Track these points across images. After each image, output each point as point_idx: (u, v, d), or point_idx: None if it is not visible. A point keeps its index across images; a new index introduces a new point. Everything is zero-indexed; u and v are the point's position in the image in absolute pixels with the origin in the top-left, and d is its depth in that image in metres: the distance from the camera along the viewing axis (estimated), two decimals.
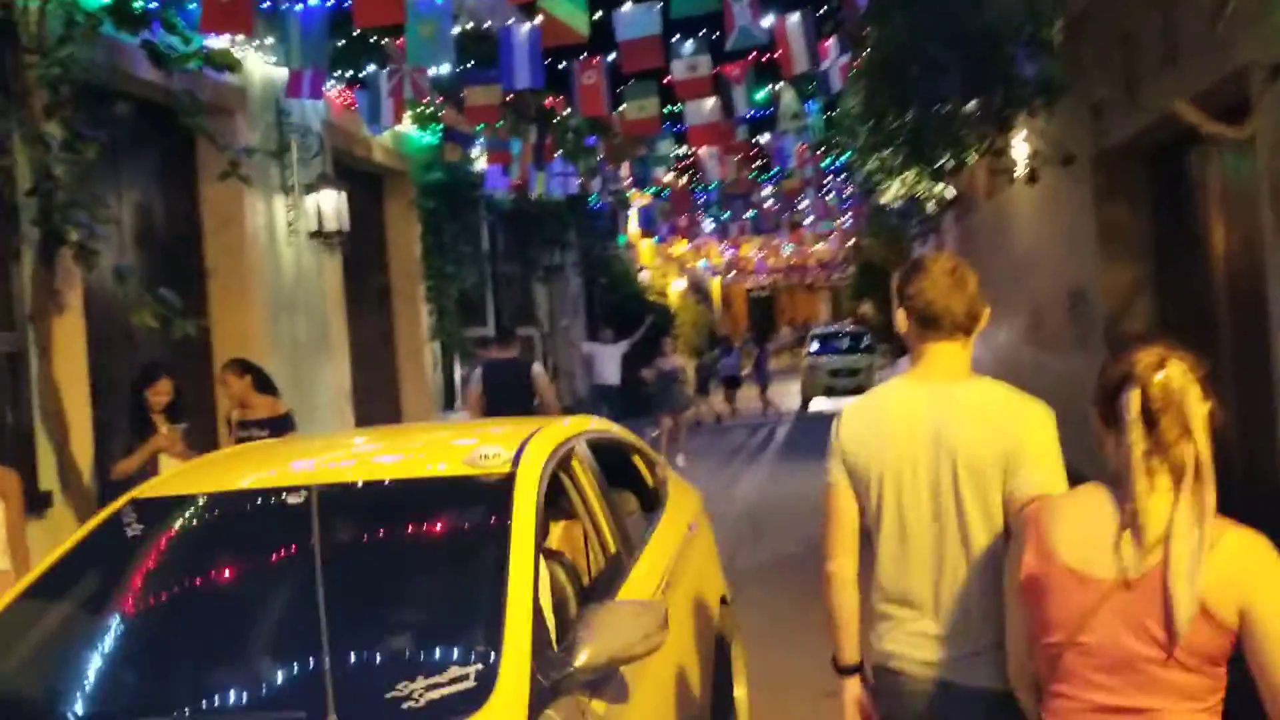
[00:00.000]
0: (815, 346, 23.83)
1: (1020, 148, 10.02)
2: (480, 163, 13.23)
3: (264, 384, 6.72)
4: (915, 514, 2.47)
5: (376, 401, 11.74)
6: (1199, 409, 1.88)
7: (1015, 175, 10.44)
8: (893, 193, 12.27)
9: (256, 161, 8.72)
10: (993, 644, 2.33)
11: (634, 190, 18.00)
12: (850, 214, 24.30)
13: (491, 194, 14.75)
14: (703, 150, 13.73)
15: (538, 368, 10.38)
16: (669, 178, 16.60)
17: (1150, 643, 1.83)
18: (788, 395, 24.86)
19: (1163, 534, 1.84)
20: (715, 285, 44.56)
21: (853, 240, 30.91)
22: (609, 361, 16.75)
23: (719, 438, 18.26)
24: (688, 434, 15.38)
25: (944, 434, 2.45)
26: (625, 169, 14.89)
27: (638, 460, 4.69)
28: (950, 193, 12.48)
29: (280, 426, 6.56)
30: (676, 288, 32.04)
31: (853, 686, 2.61)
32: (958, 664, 2.42)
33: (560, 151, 12.61)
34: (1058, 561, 1.93)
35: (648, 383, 15.10)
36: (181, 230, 8.61)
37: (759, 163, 17.80)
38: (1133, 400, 1.89)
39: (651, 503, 4.49)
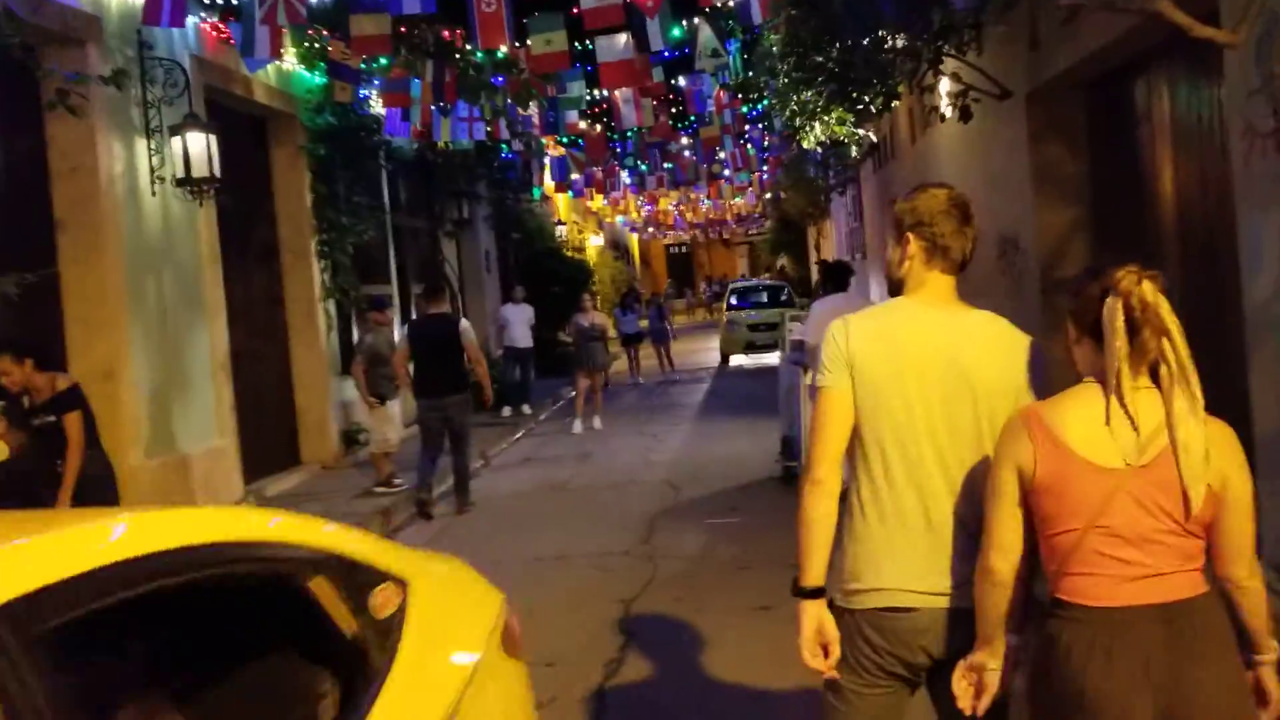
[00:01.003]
0: (734, 301, 23.29)
1: (950, 85, 9.45)
2: (377, 106, 12.27)
3: (43, 360, 5.92)
4: (925, 431, 2.41)
5: (263, 368, 10.82)
6: (1173, 316, 2.14)
7: (943, 114, 9.88)
8: (814, 137, 11.65)
9: (110, 99, 7.72)
10: (969, 567, 2.36)
11: (547, 138, 17.11)
12: (768, 165, 23.72)
13: (392, 141, 13.79)
14: (617, 93, 12.93)
15: (465, 324, 9.68)
16: (583, 125, 15.75)
17: (1165, 517, 2.10)
18: (707, 352, 24.34)
19: (1160, 424, 2.13)
20: (634, 241, 43.86)
21: (769, 194, 30.45)
22: (520, 323, 16.00)
23: (637, 398, 17.62)
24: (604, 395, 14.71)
25: (960, 358, 2.43)
26: (535, 113, 14.01)
27: (323, 590, 2.33)
28: (874, 136, 11.89)
29: (64, 404, 5.85)
30: (594, 244, 31.23)
31: (815, 611, 2.46)
32: (957, 587, 2.39)
33: (463, 93, 11.68)
34: (1073, 455, 2.13)
35: (565, 343, 14.38)
36: (25, 175, 7.59)
37: (676, 109, 17.06)
38: (1116, 310, 2.14)
39: (360, 666, 2.31)
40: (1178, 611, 2.12)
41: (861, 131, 11.60)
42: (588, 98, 13.50)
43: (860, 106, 10.96)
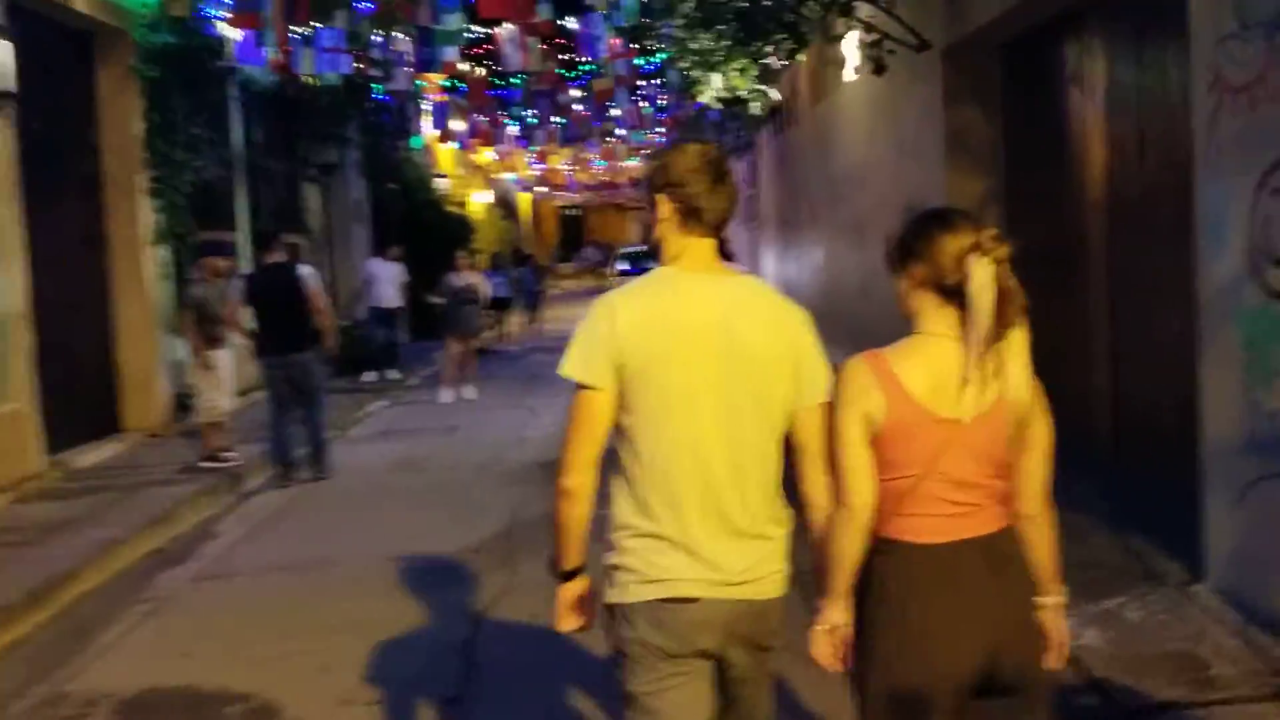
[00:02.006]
0: (623, 266, 22.39)
1: (863, 35, 8.61)
2: (227, 28, 10.87)
3: None
4: (704, 411, 2.27)
5: (77, 320, 9.44)
6: (1018, 283, 2.21)
7: (852, 70, 9.07)
8: (712, 91, 10.73)
9: None
10: (765, 556, 2.32)
11: (426, 78, 15.81)
12: (664, 126, 22.77)
13: (247, 71, 12.38)
14: (500, 30, 11.78)
15: (308, 270, 8.55)
16: (464, 66, 14.51)
17: (990, 464, 2.24)
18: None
19: (991, 377, 2.21)
20: (524, 200, 42.46)
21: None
22: (387, 280, 14.80)
23: (515, 367, 16.58)
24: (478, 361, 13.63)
25: (732, 329, 2.29)
26: (410, 49, 12.73)
27: None
28: (777, 95, 11.03)
29: None
30: (480, 200, 29.86)
31: (574, 586, 2.43)
32: (743, 579, 2.29)
33: (318, 15, 10.37)
34: (918, 406, 2.21)
35: (437, 305, 13.24)
36: None
37: (567, 55, 15.95)
38: (990, 277, 2.17)
39: None
40: (991, 542, 2.24)
41: (764, 88, 10.72)
42: (467, 33, 12.29)
43: (764, 60, 10.09)
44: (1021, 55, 7.41)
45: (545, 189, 38.98)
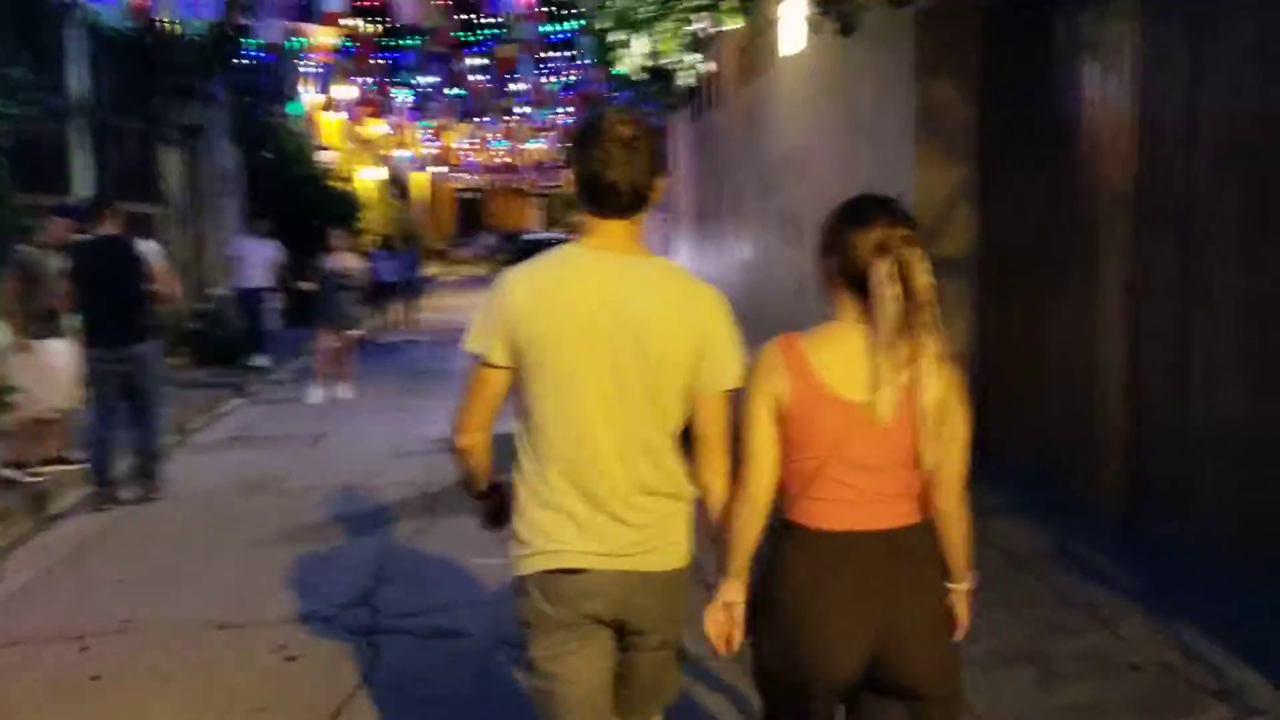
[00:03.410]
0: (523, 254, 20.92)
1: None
2: None
3: None
4: (591, 391, 2.24)
5: None
6: (929, 279, 2.17)
7: (795, 39, 7.85)
8: (634, 60, 9.39)
9: None
10: (655, 529, 2.30)
11: (307, 36, 14.10)
12: (571, 106, 21.34)
13: (92, 10, 10.58)
14: None
15: (149, 246, 6.96)
16: (352, 22, 12.89)
17: (896, 451, 2.21)
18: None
19: (903, 365, 2.18)
20: (418, 180, 40.44)
21: (567, 141, 28.14)
22: (257, 262, 13.13)
23: (394, 360, 15.02)
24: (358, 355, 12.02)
25: (629, 308, 2.24)
26: None
27: None
28: (710, 64, 9.74)
29: None
30: (370, 177, 27.93)
31: (488, 502, 2.52)
32: (634, 551, 2.28)
33: None
34: (824, 388, 2.21)
35: (308, 290, 11.62)
36: None
37: (466, 16, 14.40)
38: (891, 276, 2.16)
39: None
40: (896, 537, 2.23)
41: (696, 57, 9.43)
42: None
43: (694, 25, 8.81)
44: (1013, 21, 6.28)
45: (442, 169, 37.08)
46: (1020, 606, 4.58)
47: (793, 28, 9.71)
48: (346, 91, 17.27)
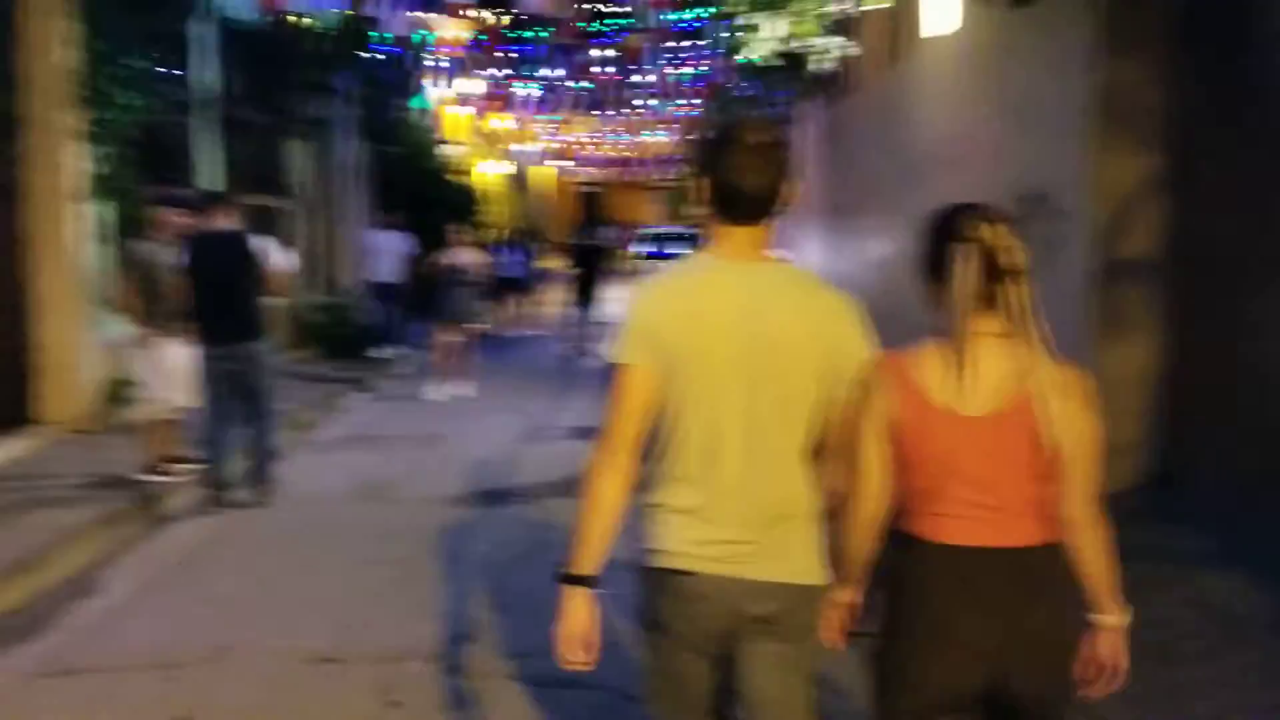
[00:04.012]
0: (648, 249, 20.46)
1: None
2: None
3: None
4: (725, 403, 2.24)
5: None
6: (1023, 261, 2.14)
7: (947, 17, 7.14)
8: (768, 45, 8.80)
9: None
10: (787, 540, 2.27)
11: (433, 30, 13.89)
12: (696, 98, 20.80)
13: (223, 3, 10.52)
14: None
15: (264, 242, 6.72)
16: (476, 15, 12.60)
17: (1014, 464, 2.15)
18: (609, 303, 21.47)
19: (1011, 370, 2.15)
20: (540, 175, 40.47)
21: (691, 135, 27.56)
22: (386, 254, 13.11)
23: (513, 356, 14.73)
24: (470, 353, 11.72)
25: (762, 317, 2.23)
26: None
27: None
28: (848, 48, 9.06)
29: None
30: (493, 172, 27.91)
31: (583, 602, 2.27)
32: (755, 559, 2.25)
33: None
34: (932, 403, 2.17)
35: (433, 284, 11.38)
36: None
37: (592, 4, 13.98)
38: (966, 258, 2.13)
39: None
40: (1021, 556, 2.15)
41: (835, 40, 8.78)
42: None
43: (832, 5, 8.19)
44: None
45: (564, 163, 37.00)
46: (1252, 688, 3.85)
47: (944, 6, 8.96)
48: (472, 85, 17.07)
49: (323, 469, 7.83)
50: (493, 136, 27.54)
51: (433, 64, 16.14)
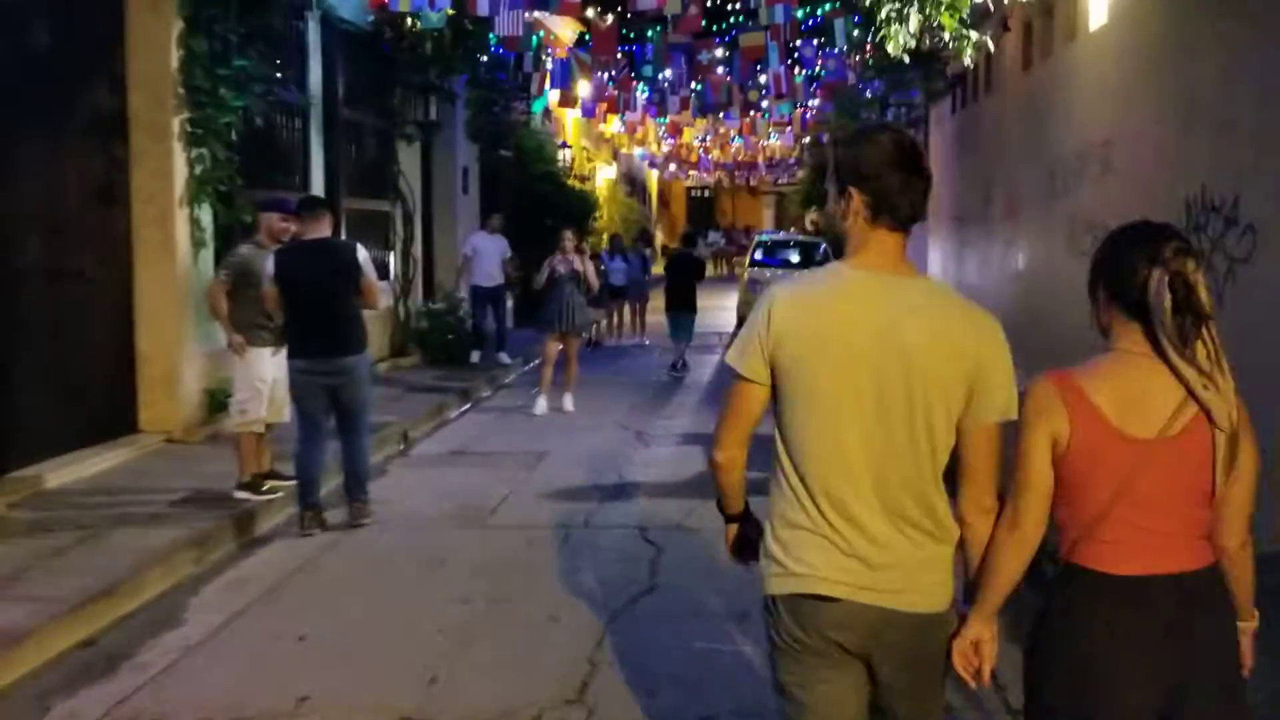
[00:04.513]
0: (759, 256, 19.79)
1: None
2: None
3: None
4: (853, 418, 2.17)
5: (84, 295, 7.45)
6: (1209, 296, 2.10)
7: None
8: (905, 35, 8.11)
9: None
10: (914, 564, 2.19)
11: (545, 30, 13.53)
12: (817, 97, 20.08)
13: (332, 4, 10.31)
14: None
15: (364, 254, 6.35)
16: (589, 13, 12.18)
17: (1190, 490, 2.10)
18: (721, 313, 20.88)
19: (1186, 398, 2.08)
20: (652, 179, 40.11)
21: (810, 138, 26.76)
22: (488, 257, 12.78)
23: (622, 368, 14.26)
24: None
25: (898, 333, 2.16)
26: None
27: None
28: (992, 39, 8.30)
29: None
30: (605, 176, 27.58)
31: (739, 527, 2.47)
32: (889, 587, 2.17)
33: None
34: (1108, 425, 2.10)
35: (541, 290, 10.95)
36: None
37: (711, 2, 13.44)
38: (1164, 287, 2.07)
39: None
40: (1190, 581, 2.11)
41: (975, 35, 8.05)
42: None
43: None
44: None
45: (673, 166, 36.49)
46: None
47: None
48: (585, 88, 16.69)
49: (420, 487, 7.45)
50: (605, 140, 27.22)
51: (547, 66, 15.77)
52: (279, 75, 9.07)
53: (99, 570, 5.29)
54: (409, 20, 11.69)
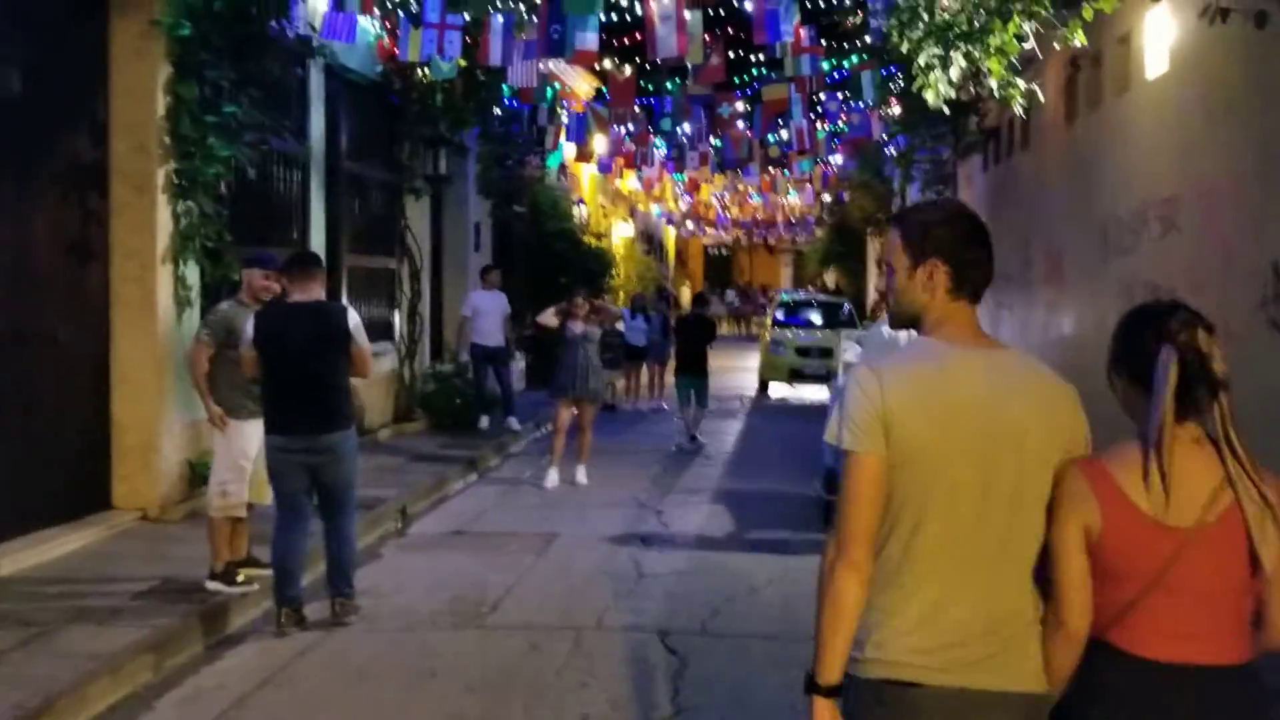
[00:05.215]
0: (781, 316, 19.13)
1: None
2: None
3: None
4: (961, 496, 2.11)
5: (55, 359, 6.82)
6: (1224, 369, 2.07)
7: (1164, 55, 5.77)
8: (942, 87, 7.49)
9: None
10: (1019, 646, 2.13)
11: (560, 83, 13.03)
12: (839, 155, 19.56)
13: (334, 51, 9.80)
14: (653, 4, 8.87)
15: (355, 320, 5.68)
16: (608, 64, 11.67)
17: (1228, 577, 2.05)
18: (739, 374, 20.21)
19: (1221, 481, 2.06)
20: (670, 236, 39.66)
21: (830, 196, 26.28)
22: (489, 315, 12.08)
23: (639, 435, 13.56)
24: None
25: (1001, 410, 2.13)
26: (534, 31, 9.91)
27: None
28: (1039, 92, 7.67)
29: None
30: (622, 233, 27.07)
31: (829, 714, 2.11)
32: (986, 667, 2.10)
33: None
34: (1139, 512, 2.06)
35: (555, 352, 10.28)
36: None
37: (736, 50, 12.93)
38: (1170, 363, 2.06)
39: None
40: (1224, 675, 2.07)
41: (1023, 84, 7.43)
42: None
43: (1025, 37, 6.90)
44: None
45: (691, 224, 36.04)
46: None
47: (1157, 43, 7.57)
48: (602, 143, 16.18)
49: (415, 575, 6.73)
50: (622, 196, 26.77)
51: (562, 120, 15.28)
52: (275, 124, 8.49)
53: (38, 681, 4.58)
54: (419, 71, 11.20)
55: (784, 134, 16.35)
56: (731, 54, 12.35)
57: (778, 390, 17.79)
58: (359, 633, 5.59)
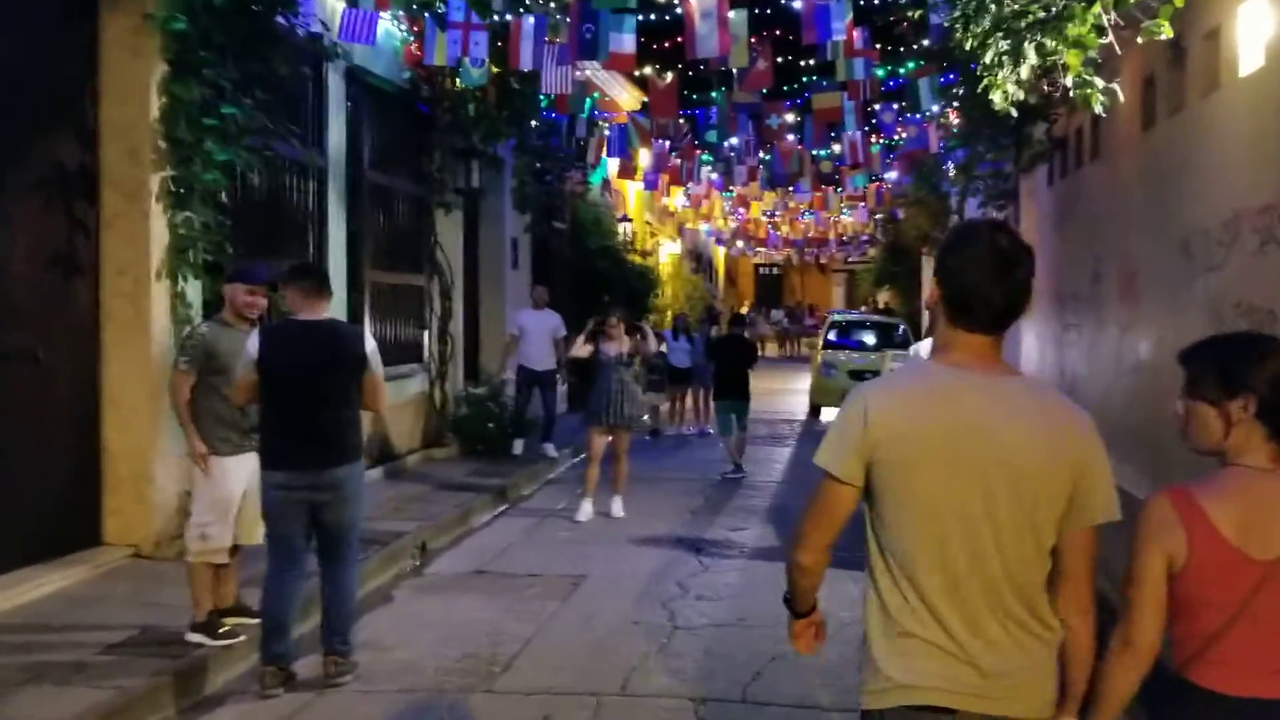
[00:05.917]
0: (833, 337, 18.31)
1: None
2: None
3: None
4: (957, 522, 2.13)
5: (41, 384, 6.27)
6: None
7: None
8: (1017, 81, 6.72)
9: None
10: (1024, 669, 2.14)
11: (600, 92, 12.41)
12: (894, 171, 18.75)
13: (354, 55, 9.24)
14: (696, 2, 8.21)
15: (371, 345, 5.03)
16: (648, 71, 11.03)
17: None
18: (789, 397, 19.40)
19: None
20: (719, 255, 38.93)
21: (882, 214, 25.40)
22: (537, 336, 11.48)
23: (683, 462, 12.82)
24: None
25: (997, 435, 2.13)
26: (564, 34, 9.27)
27: None
28: (1119, 91, 6.86)
29: None
30: (669, 251, 26.40)
31: (807, 620, 2.45)
32: (1002, 695, 2.12)
33: None
34: (1228, 545, 2.03)
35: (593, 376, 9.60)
36: None
37: (785, 55, 12.20)
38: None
39: None
40: None
41: (1101, 82, 6.63)
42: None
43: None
44: None
45: (740, 243, 35.29)
46: None
47: (1253, 37, 6.75)
48: (645, 157, 15.53)
49: (424, 624, 6.05)
50: (668, 214, 26.12)
51: (604, 132, 14.66)
52: (282, 129, 7.89)
53: None
54: (449, 79, 10.63)
55: (836, 148, 15.55)
56: (780, 59, 11.63)
57: (830, 415, 16.97)
58: (352, 695, 4.92)
